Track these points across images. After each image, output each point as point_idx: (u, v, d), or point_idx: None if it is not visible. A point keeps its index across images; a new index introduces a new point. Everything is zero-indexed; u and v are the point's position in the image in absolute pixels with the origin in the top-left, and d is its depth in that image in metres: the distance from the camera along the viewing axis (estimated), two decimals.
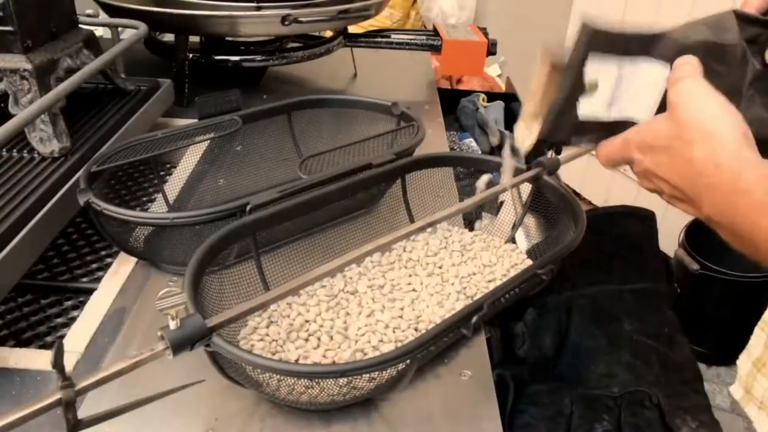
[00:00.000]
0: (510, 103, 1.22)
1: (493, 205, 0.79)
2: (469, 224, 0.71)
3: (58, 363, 0.35)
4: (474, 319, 0.45)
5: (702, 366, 1.07)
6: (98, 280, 0.65)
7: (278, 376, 0.44)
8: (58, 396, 0.36)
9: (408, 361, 0.43)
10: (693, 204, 0.43)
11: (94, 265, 0.69)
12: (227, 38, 1.06)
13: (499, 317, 0.62)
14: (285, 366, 0.41)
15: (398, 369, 0.45)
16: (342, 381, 0.44)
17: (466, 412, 0.48)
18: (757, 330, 0.58)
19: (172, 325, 0.39)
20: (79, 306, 0.63)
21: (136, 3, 0.96)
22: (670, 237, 1.78)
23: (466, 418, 0.48)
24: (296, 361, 0.49)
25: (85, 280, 0.67)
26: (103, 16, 0.97)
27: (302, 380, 0.44)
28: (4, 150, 0.68)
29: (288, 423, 0.46)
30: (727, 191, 0.40)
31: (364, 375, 0.44)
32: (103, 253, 0.71)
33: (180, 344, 0.39)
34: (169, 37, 1.12)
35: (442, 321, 0.45)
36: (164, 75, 0.91)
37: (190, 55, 0.98)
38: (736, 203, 0.40)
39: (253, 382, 0.46)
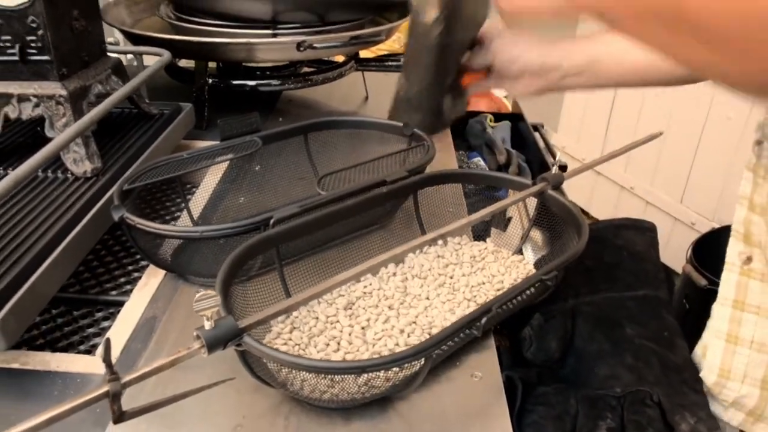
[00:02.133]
0: (517, 123, 1.26)
1: (501, 221, 0.83)
2: (479, 239, 0.75)
3: (106, 357, 0.39)
4: (483, 320, 0.48)
5: None
6: (126, 293, 0.68)
7: (302, 376, 0.47)
8: (106, 388, 0.39)
9: (423, 359, 0.46)
10: None
11: (122, 279, 0.73)
12: (244, 64, 1.11)
13: (508, 326, 0.65)
14: (309, 362, 0.45)
15: (413, 368, 0.48)
16: (361, 380, 0.48)
17: (477, 411, 0.52)
18: (717, 307, 0.62)
19: (207, 325, 0.43)
20: (110, 317, 0.67)
21: (157, 31, 1.01)
22: (678, 253, 1.80)
23: (477, 416, 0.51)
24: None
25: (114, 293, 0.71)
26: (126, 44, 1.02)
27: (324, 380, 0.47)
28: (40, 170, 0.72)
29: (311, 420, 0.50)
30: None
31: (381, 373, 0.47)
32: (130, 268, 0.75)
33: (214, 343, 0.43)
34: (186, 63, 1.17)
35: (453, 323, 0.48)
36: (183, 99, 0.95)
37: (210, 80, 1.03)
38: None
39: (278, 381, 0.49)
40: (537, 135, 1.23)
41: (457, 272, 0.65)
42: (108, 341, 0.39)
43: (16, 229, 0.61)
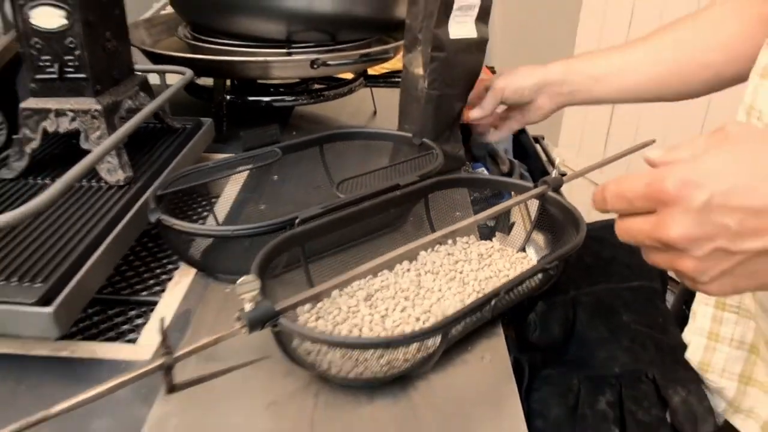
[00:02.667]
0: (518, 135, 1.31)
1: (505, 226, 0.88)
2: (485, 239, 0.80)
3: (163, 334, 0.44)
4: (492, 302, 0.53)
5: None
6: (156, 294, 0.73)
7: (329, 357, 0.53)
8: (161, 362, 0.44)
9: (440, 337, 0.51)
10: None
11: (151, 282, 0.78)
12: (259, 81, 1.17)
13: (514, 317, 0.70)
14: (340, 339, 0.50)
15: (429, 350, 0.53)
16: (383, 360, 0.53)
17: (488, 390, 0.56)
18: (701, 307, 0.66)
19: (248, 307, 0.48)
20: (142, 315, 0.72)
21: (175, 51, 1.07)
22: None
23: (488, 394, 0.56)
24: None
25: (144, 293, 0.76)
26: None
27: (349, 360, 0.52)
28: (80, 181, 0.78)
29: (338, 398, 0.55)
30: None
31: (401, 355, 0.52)
32: (158, 271, 0.80)
33: (254, 323, 0.48)
34: (203, 81, 1.23)
35: (466, 305, 0.53)
36: (200, 114, 1.00)
37: (227, 97, 1.09)
38: None
39: (308, 362, 0.54)
40: (538, 146, 1.29)
41: (466, 268, 0.70)
42: (162, 320, 0.45)
43: (60, 231, 0.66)
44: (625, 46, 0.91)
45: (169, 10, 1.26)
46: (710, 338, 0.66)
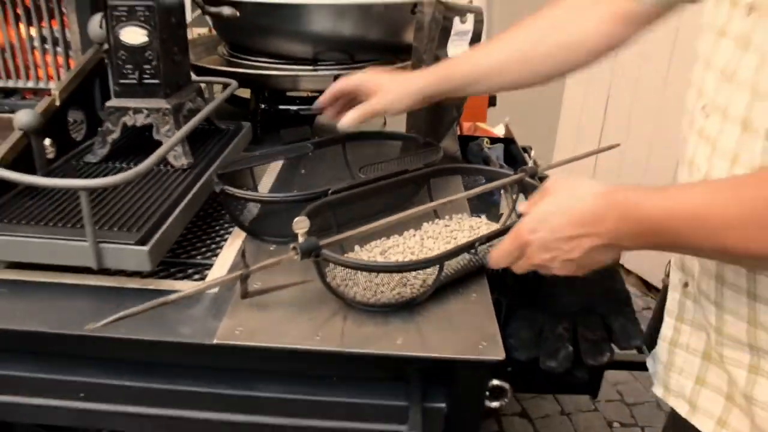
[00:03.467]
0: (509, 145, 1.51)
1: (494, 216, 1.07)
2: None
3: (243, 254, 0.63)
4: (476, 244, 0.72)
5: None
6: (209, 258, 0.92)
7: (355, 282, 0.71)
8: (240, 272, 0.63)
9: (436, 268, 0.70)
10: (596, 234, 0.58)
11: (203, 249, 0.97)
12: (288, 92, 1.37)
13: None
14: (366, 263, 0.69)
15: (427, 277, 0.72)
16: (395, 291, 0.71)
17: (474, 320, 0.74)
18: (666, 317, 0.78)
19: (301, 239, 0.66)
20: (199, 273, 0.90)
21: (216, 65, 1.27)
22: (657, 268, 2.03)
23: (475, 319, 0.74)
24: None
25: (199, 258, 0.94)
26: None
27: (369, 291, 0.71)
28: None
29: (362, 318, 0.73)
30: (622, 203, 0.57)
31: (409, 276, 0.71)
32: (208, 241, 0.99)
33: (305, 251, 0.66)
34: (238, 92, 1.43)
35: (455, 246, 0.72)
36: (236, 119, 1.18)
37: (261, 105, 1.28)
38: (632, 207, 0.56)
39: (339, 291, 0.73)
40: (526, 155, 1.48)
41: (460, 236, 0.89)
42: (243, 244, 0.63)
43: (145, 198, 0.85)
44: (491, 48, 0.96)
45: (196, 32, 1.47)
46: (671, 344, 0.78)
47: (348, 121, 0.96)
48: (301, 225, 0.66)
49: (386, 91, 0.95)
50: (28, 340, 0.72)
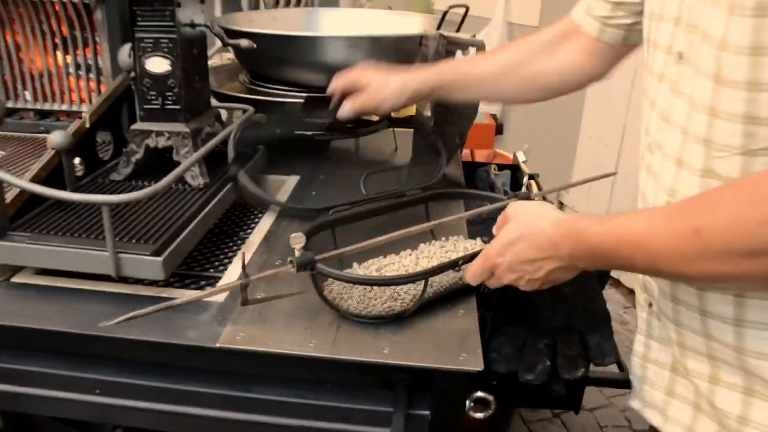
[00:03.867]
0: (516, 172, 1.57)
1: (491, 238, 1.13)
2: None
3: (243, 263, 0.70)
4: (460, 262, 0.78)
5: None
6: (220, 271, 0.99)
7: (349, 295, 0.77)
8: (240, 281, 0.70)
9: (423, 281, 0.76)
10: (555, 257, 0.66)
11: (215, 262, 1.04)
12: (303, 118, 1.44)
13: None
14: (359, 277, 0.75)
15: (417, 293, 0.78)
16: (385, 305, 0.77)
17: (459, 334, 0.80)
18: (637, 335, 0.83)
19: (297, 254, 0.73)
20: (211, 284, 0.97)
21: (237, 92, 1.35)
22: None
23: (459, 337, 0.79)
24: None
25: (211, 270, 1.02)
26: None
27: (361, 304, 0.77)
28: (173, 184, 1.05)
29: (354, 329, 0.79)
30: (575, 232, 0.65)
31: (398, 299, 0.77)
32: (221, 256, 1.06)
33: (300, 265, 0.73)
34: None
35: (441, 263, 0.78)
36: (253, 143, 1.25)
37: (278, 130, 1.36)
38: (582, 235, 0.65)
39: (334, 304, 0.79)
40: (532, 182, 1.54)
41: (454, 256, 0.94)
42: (243, 254, 0.70)
43: (162, 214, 0.93)
44: (480, 61, 1.10)
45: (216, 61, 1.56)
46: (642, 359, 0.83)
47: (344, 113, 1.12)
48: (297, 241, 0.72)
49: (378, 90, 1.08)
50: (51, 338, 0.79)
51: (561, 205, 3.16)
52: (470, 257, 0.78)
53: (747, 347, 0.65)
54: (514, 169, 1.57)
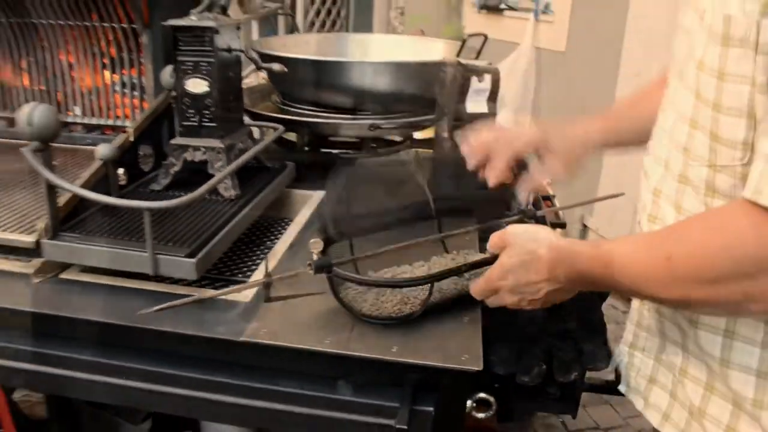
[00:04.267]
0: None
1: None
2: None
3: (266, 265, 0.77)
4: (462, 270, 0.85)
5: None
6: (246, 276, 1.07)
7: (363, 299, 0.85)
8: (263, 280, 0.78)
9: (430, 284, 0.83)
10: (552, 280, 0.71)
11: (243, 267, 1.12)
12: (330, 137, 1.53)
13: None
14: (370, 279, 0.82)
15: (423, 294, 0.85)
16: (395, 306, 0.84)
17: (463, 338, 0.86)
18: (628, 324, 0.91)
19: (315, 257, 0.81)
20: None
21: (269, 111, 1.44)
22: None
23: (462, 340, 0.86)
24: None
25: (239, 276, 1.10)
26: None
27: (373, 306, 0.84)
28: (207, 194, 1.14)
29: (367, 330, 0.86)
30: (568, 257, 0.71)
31: (410, 296, 0.84)
32: (249, 262, 1.14)
33: (318, 267, 0.81)
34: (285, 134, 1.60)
35: (445, 269, 0.85)
36: (281, 159, 1.34)
37: (306, 148, 1.45)
38: (575, 260, 0.70)
39: (348, 305, 0.87)
40: (548, 201, 1.60)
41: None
42: (267, 259, 0.78)
43: (197, 221, 1.02)
44: (643, 103, 0.98)
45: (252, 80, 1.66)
46: (631, 347, 0.91)
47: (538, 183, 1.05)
48: (315, 246, 0.80)
49: (562, 152, 1.00)
50: (92, 328, 0.88)
51: (584, 228, 3.20)
52: (471, 266, 0.85)
53: (704, 345, 0.72)
54: None
